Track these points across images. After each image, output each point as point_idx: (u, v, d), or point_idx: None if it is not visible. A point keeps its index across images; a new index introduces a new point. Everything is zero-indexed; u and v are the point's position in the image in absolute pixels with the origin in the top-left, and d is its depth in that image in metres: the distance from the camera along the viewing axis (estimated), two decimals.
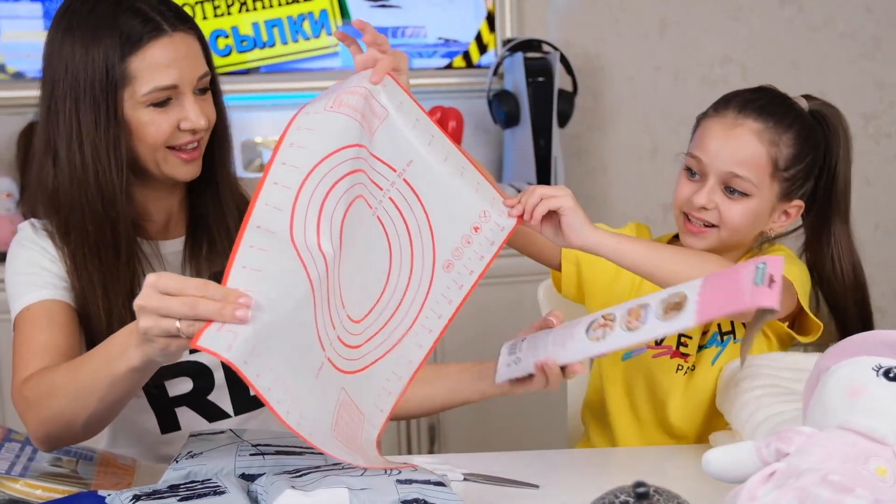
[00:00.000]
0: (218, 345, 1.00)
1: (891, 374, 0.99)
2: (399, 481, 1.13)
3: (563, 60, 2.87)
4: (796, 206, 1.54)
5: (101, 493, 1.13)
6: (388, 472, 1.16)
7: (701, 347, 1.57)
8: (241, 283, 1.05)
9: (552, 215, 1.35)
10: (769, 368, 1.40)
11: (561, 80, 2.84)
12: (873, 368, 1.00)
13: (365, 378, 1.19)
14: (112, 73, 1.35)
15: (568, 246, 1.38)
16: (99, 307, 1.39)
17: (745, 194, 1.48)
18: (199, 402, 1.50)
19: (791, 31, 2.98)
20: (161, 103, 1.37)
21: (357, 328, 1.19)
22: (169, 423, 1.51)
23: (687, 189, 1.53)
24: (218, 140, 1.48)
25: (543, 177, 2.79)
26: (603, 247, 1.37)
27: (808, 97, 1.59)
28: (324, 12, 2.95)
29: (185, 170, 1.43)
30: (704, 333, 1.56)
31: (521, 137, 2.84)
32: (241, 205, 1.51)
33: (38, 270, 1.41)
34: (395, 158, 1.24)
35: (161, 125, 1.38)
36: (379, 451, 1.20)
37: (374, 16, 2.97)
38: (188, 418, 1.50)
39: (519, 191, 2.65)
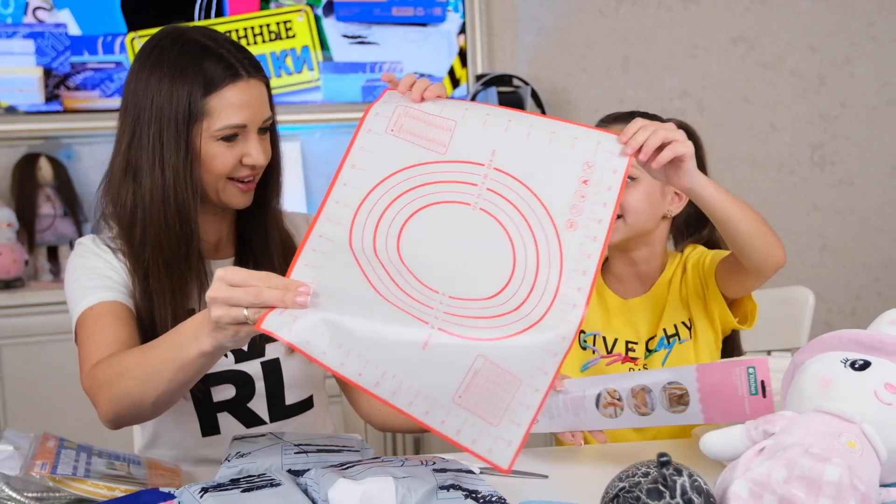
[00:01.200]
0: (280, 328, 1.10)
1: (856, 366, 1.12)
2: (435, 470, 1.21)
3: (534, 94, 2.98)
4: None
5: (163, 489, 1.22)
6: (425, 463, 1.24)
7: (651, 351, 1.68)
8: (302, 277, 1.16)
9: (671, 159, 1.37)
10: None
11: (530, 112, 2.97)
12: (841, 361, 1.13)
13: (517, 345, 1.17)
14: (193, 108, 1.44)
15: (673, 185, 1.41)
16: (167, 311, 1.47)
17: (632, 178, 1.60)
18: (240, 408, 1.57)
19: (743, 68, 3.11)
20: (229, 138, 1.46)
21: (488, 303, 1.19)
22: (210, 427, 1.57)
23: None
24: (272, 175, 1.57)
25: None
26: (706, 190, 1.41)
27: (673, 119, 1.66)
28: (305, 48, 3.04)
29: (241, 199, 1.52)
30: (652, 338, 1.69)
31: None
32: (283, 237, 1.61)
33: (100, 277, 1.49)
34: (478, 154, 1.28)
35: (227, 158, 1.47)
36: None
37: (353, 52, 3.08)
38: (227, 423, 1.58)
39: None
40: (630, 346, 1.69)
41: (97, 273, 1.50)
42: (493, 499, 1.16)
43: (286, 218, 1.68)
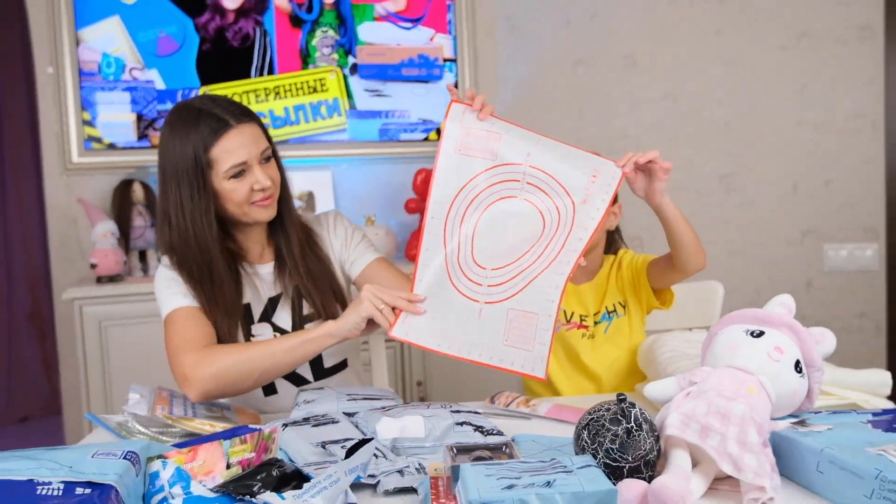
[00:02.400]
0: (404, 334, 1.36)
1: (754, 334, 1.19)
2: (452, 411, 1.28)
3: None
4: (619, 205, 1.73)
5: (252, 426, 1.27)
6: (444, 406, 1.31)
7: (597, 322, 1.74)
8: (418, 288, 1.36)
9: (646, 174, 1.42)
10: (672, 342, 1.57)
11: None
12: (744, 331, 1.20)
13: (531, 290, 1.33)
14: (200, 160, 1.45)
15: (648, 200, 1.44)
16: (218, 314, 1.49)
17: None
18: (290, 373, 1.57)
19: (670, 116, 3.16)
20: (238, 175, 1.48)
21: (514, 266, 1.34)
22: (270, 389, 1.60)
23: None
24: (282, 190, 1.57)
25: None
26: (669, 207, 1.46)
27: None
28: (336, 99, 3.06)
29: (265, 214, 1.53)
30: (598, 313, 1.74)
31: None
32: (301, 230, 1.62)
33: (178, 285, 1.51)
34: (517, 156, 1.36)
35: (241, 190, 1.49)
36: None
37: (370, 102, 3.08)
38: (281, 385, 1.60)
39: None
40: (582, 317, 1.75)
41: (175, 282, 1.51)
42: (494, 432, 1.22)
43: (315, 219, 1.69)
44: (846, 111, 3.13)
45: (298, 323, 1.59)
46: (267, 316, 1.59)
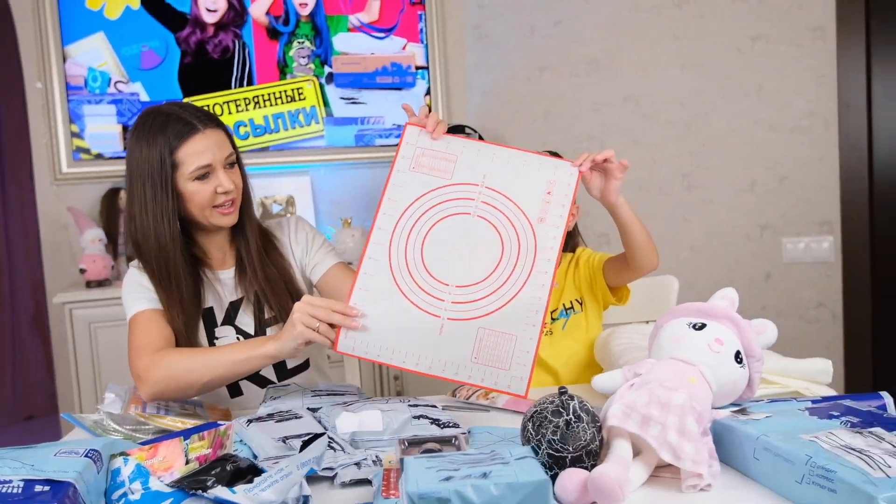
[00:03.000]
0: (349, 349, 1.24)
1: (696, 327, 1.17)
2: (410, 405, 1.27)
3: (480, 138, 2.95)
4: (577, 206, 1.72)
5: (220, 422, 1.22)
6: (403, 400, 1.30)
7: (555, 319, 1.72)
8: (356, 300, 1.25)
9: (602, 174, 1.40)
10: (626, 335, 1.56)
11: None
12: (687, 324, 1.18)
13: (507, 312, 1.24)
14: (165, 162, 1.43)
15: (603, 199, 1.42)
16: (176, 312, 1.47)
17: None
18: (254, 374, 1.57)
19: (633, 119, 3.14)
20: (202, 177, 1.46)
21: (482, 286, 1.25)
22: (235, 390, 1.59)
23: None
24: (244, 197, 1.55)
25: None
26: (624, 207, 1.44)
27: (549, 152, 1.69)
28: (313, 107, 3.04)
29: (226, 220, 1.51)
30: (556, 310, 1.72)
31: None
32: (261, 236, 1.59)
33: (143, 290, 1.49)
34: (473, 177, 1.32)
35: (204, 192, 1.46)
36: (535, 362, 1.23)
37: (346, 109, 3.06)
38: (246, 386, 1.59)
39: None
40: None
41: (140, 286, 1.49)
42: (450, 424, 1.21)
43: (277, 224, 1.66)
44: (800, 110, 3.13)
45: (260, 327, 1.57)
46: (230, 319, 1.57)
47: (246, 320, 1.57)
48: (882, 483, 0.84)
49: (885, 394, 1.18)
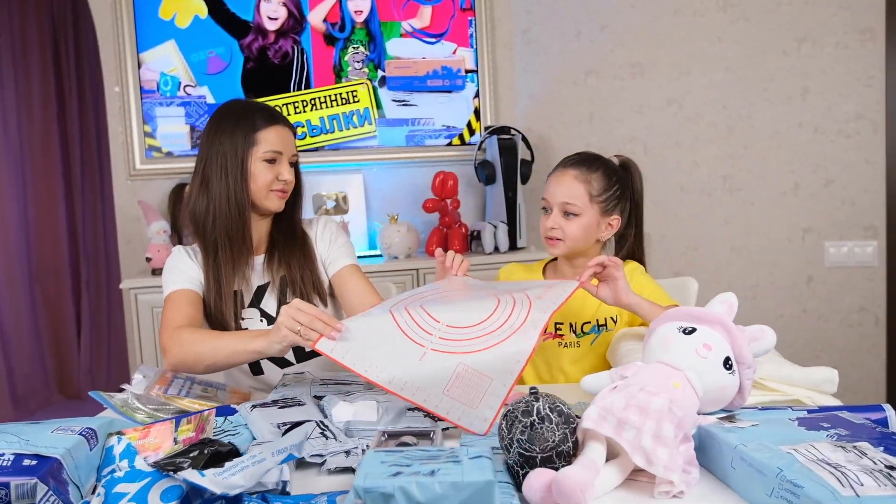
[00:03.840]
0: (326, 349, 1.22)
1: (686, 331, 1.10)
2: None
3: (525, 140, 2.97)
4: (615, 219, 1.61)
5: (233, 406, 1.24)
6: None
7: (585, 333, 1.62)
8: (353, 322, 1.26)
9: (606, 282, 1.41)
10: (635, 336, 1.50)
11: (522, 153, 2.92)
12: (677, 328, 1.12)
13: (491, 355, 1.18)
14: (247, 140, 1.51)
15: (617, 302, 1.41)
16: (220, 289, 1.54)
17: (575, 215, 1.56)
18: (276, 356, 1.55)
19: (675, 121, 3.03)
20: (271, 161, 1.54)
21: (472, 329, 1.22)
22: (256, 369, 1.64)
23: (544, 220, 1.60)
24: (296, 194, 1.64)
25: (512, 218, 2.86)
26: (642, 306, 1.42)
27: (618, 156, 1.66)
28: (366, 109, 3.04)
29: (277, 203, 1.58)
30: (587, 323, 1.62)
31: (497, 191, 2.92)
32: (296, 229, 1.65)
33: (184, 271, 1.56)
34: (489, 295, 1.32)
35: (268, 175, 1.54)
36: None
37: (398, 111, 3.05)
38: (267, 366, 1.63)
39: (495, 227, 2.77)
40: (557, 326, 1.64)
41: (182, 270, 1.56)
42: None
43: (308, 221, 1.71)
44: (847, 113, 2.94)
45: None
46: (255, 302, 1.61)
47: (271, 304, 1.61)
48: (848, 503, 0.76)
49: (887, 406, 1.09)
